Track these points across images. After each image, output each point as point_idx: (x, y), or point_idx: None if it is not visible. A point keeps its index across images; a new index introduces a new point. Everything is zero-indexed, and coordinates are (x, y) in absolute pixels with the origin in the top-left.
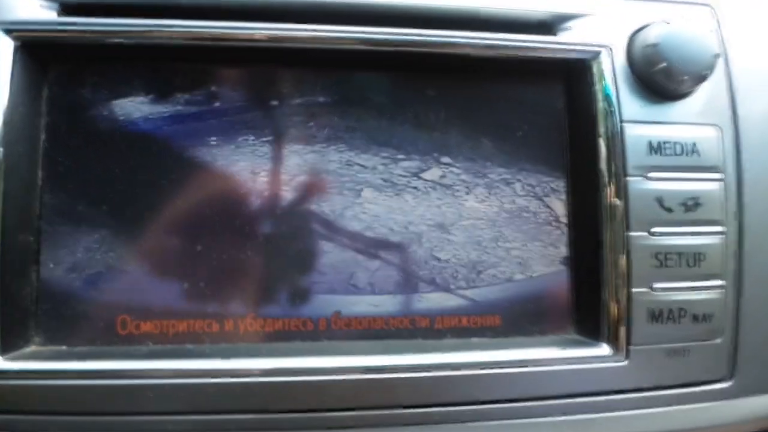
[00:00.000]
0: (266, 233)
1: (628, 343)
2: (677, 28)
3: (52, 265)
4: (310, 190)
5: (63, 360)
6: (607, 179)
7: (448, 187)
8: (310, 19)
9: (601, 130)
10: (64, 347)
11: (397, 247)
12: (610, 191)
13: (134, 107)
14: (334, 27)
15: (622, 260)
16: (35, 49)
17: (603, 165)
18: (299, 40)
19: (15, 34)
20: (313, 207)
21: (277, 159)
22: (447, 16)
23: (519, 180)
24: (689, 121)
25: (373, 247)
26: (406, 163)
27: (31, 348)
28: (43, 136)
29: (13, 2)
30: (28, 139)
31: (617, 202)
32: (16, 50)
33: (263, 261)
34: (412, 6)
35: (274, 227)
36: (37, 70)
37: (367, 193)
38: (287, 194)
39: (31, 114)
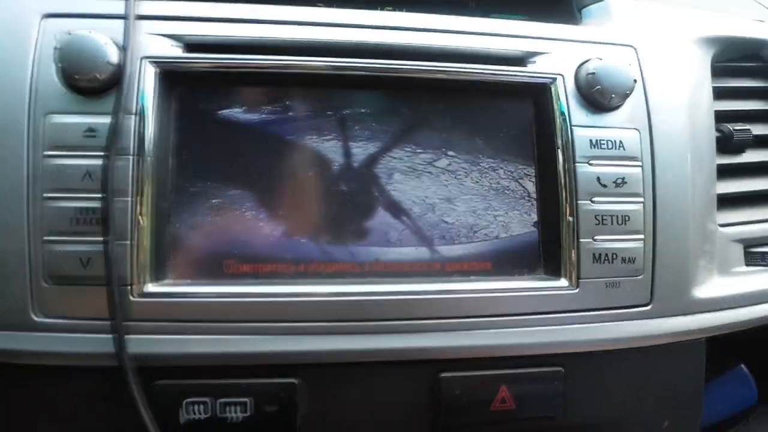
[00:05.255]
0: (329, 206)
1: (578, 277)
2: (608, 62)
3: (178, 225)
4: (359, 175)
5: (192, 286)
6: (562, 165)
7: (452, 172)
8: (346, 54)
9: (558, 132)
10: (188, 280)
11: (418, 214)
12: (565, 174)
13: (233, 115)
14: (364, 61)
15: (574, 221)
16: (167, 75)
17: (560, 156)
18: (345, 69)
19: (156, 65)
20: (362, 186)
21: (334, 153)
22: (450, 52)
23: (502, 167)
24: (618, 126)
25: (401, 214)
26: (423, 155)
27: (169, 280)
28: (172, 136)
29: (153, 43)
30: (165, 139)
31: (569, 181)
32: (156, 76)
33: (327, 223)
34: (426, 45)
35: (335, 202)
36: (169, 90)
37: (396, 176)
38: (345, 178)
39: (166, 121)
